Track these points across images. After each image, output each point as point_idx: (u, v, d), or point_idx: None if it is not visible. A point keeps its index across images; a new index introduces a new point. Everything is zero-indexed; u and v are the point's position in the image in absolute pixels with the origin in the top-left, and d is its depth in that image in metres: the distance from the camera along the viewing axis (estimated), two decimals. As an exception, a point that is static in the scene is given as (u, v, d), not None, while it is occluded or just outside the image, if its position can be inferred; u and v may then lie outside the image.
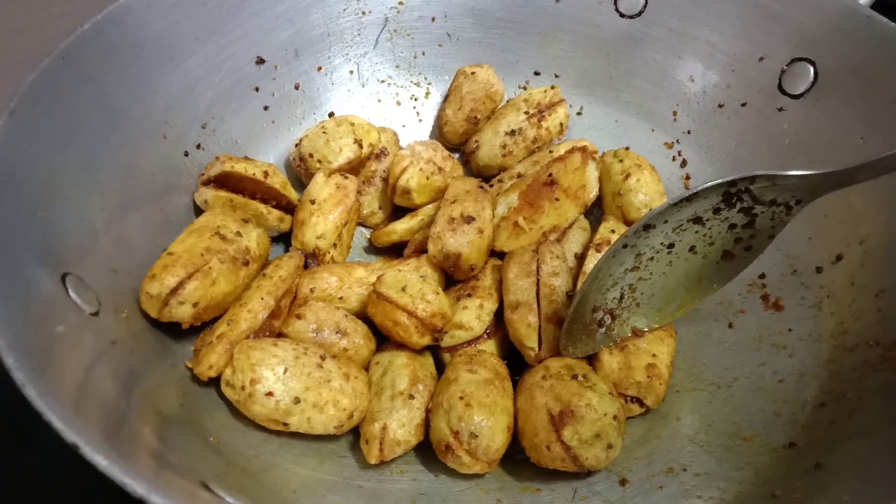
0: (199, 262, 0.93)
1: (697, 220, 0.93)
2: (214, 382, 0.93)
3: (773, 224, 0.93)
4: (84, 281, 0.83)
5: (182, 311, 0.92)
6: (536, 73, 1.39)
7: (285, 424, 0.89)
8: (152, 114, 1.06)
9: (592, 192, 1.21)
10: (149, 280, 0.91)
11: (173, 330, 0.95)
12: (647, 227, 0.92)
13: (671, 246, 0.96)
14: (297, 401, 0.88)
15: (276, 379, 0.88)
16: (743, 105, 1.22)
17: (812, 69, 1.13)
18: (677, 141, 1.30)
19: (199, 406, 0.90)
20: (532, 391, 0.92)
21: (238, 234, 1.00)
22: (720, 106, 1.25)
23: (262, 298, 0.97)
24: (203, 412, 0.89)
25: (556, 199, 1.18)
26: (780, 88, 1.17)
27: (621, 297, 0.99)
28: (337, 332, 1.00)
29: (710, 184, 0.88)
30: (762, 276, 1.11)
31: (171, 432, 0.80)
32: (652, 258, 0.97)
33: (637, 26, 1.29)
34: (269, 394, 0.87)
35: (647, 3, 1.27)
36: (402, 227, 1.21)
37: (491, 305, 1.07)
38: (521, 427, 0.92)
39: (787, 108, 1.15)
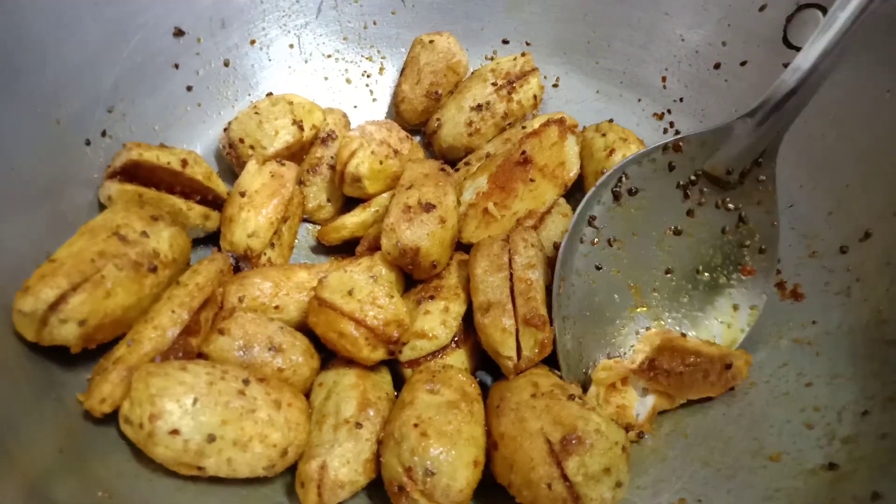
0: (89, 270, 0.76)
1: (678, 232, 0.93)
2: (113, 418, 0.76)
3: (760, 199, 0.90)
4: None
5: (66, 332, 0.74)
6: (505, 42, 1.24)
7: (200, 468, 0.73)
8: (39, 93, 0.89)
9: (573, 171, 1.06)
10: (21, 295, 0.74)
11: (61, 355, 0.78)
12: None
13: (669, 271, 0.93)
14: (211, 438, 0.71)
15: (183, 413, 0.70)
16: (743, 64, 1.07)
17: (822, 15, 0.97)
18: (668, 111, 1.16)
19: (88, 451, 0.73)
20: (521, 413, 0.76)
21: (144, 234, 0.83)
22: (716, 67, 1.10)
23: (173, 312, 0.80)
24: (93, 458, 0.72)
25: (532, 180, 1.03)
26: (786, 41, 1.03)
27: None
28: (270, 349, 0.83)
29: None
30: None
31: (41, 498, 0.62)
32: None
33: (618, -20, 1.13)
34: (175, 431, 0.70)
35: (627, -48, 1.11)
36: (352, 221, 1.04)
37: (458, 308, 0.92)
38: (510, 458, 0.75)
39: (796, 62, 0.99)
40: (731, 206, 0.93)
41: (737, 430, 0.81)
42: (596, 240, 0.92)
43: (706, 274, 0.92)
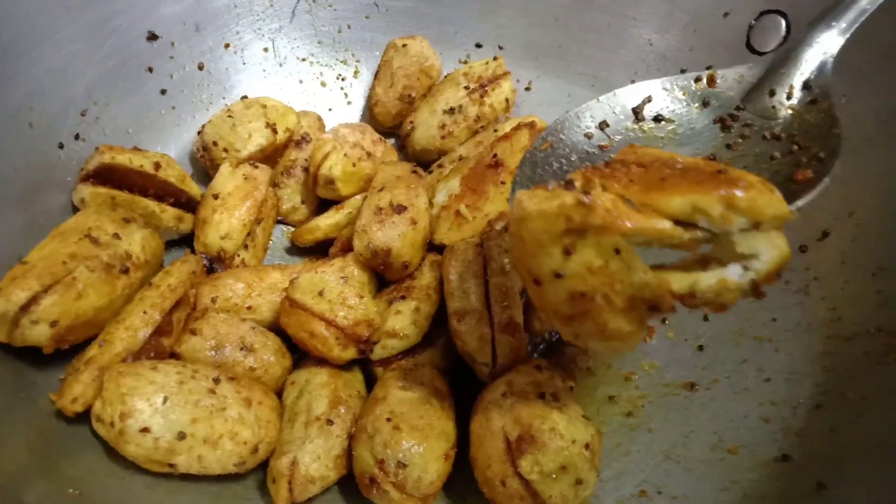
0: (60, 272, 0.77)
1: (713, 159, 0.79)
2: (85, 418, 0.76)
3: (818, 124, 0.79)
4: None
5: (37, 333, 0.75)
6: (478, 46, 1.25)
7: (171, 466, 0.74)
8: (11, 98, 0.89)
9: (543, 173, 1.06)
10: (-8, 296, 0.73)
11: (33, 356, 0.78)
12: None
13: None
14: (181, 436, 0.72)
15: (154, 411, 0.72)
16: (708, 68, 1.07)
17: (784, 22, 1.01)
18: (637, 113, 1.16)
19: (60, 450, 0.74)
20: (489, 412, 0.78)
21: (115, 236, 0.84)
22: (682, 71, 1.11)
23: (145, 312, 0.81)
24: (65, 457, 0.73)
25: (503, 183, 1.04)
26: (749, 46, 1.05)
27: None
28: (242, 349, 0.85)
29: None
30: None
31: (14, 496, 0.63)
32: None
33: (587, -13, 1.15)
34: (145, 430, 0.71)
35: (596, -41, 1.13)
36: (326, 223, 1.05)
37: (429, 308, 0.92)
38: (474, 456, 0.77)
39: (758, 67, 1.01)
40: (782, 134, 0.83)
41: (698, 425, 0.83)
42: (604, 146, 0.84)
43: None
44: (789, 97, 0.84)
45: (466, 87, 1.14)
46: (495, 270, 0.89)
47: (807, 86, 0.83)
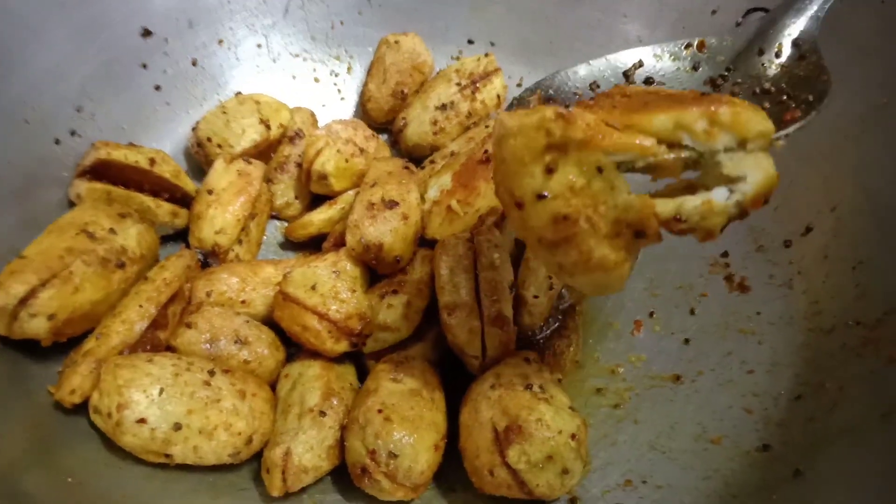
0: (57, 266, 0.78)
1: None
2: (83, 409, 0.78)
3: (808, 75, 0.81)
4: None
5: (36, 326, 0.77)
6: (470, 42, 1.27)
7: (167, 456, 0.76)
8: (6, 95, 0.91)
9: (533, 169, 1.08)
10: (-9, 290, 0.75)
11: (31, 348, 0.80)
12: None
13: None
14: (177, 427, 0.74)
15: (150, 402, 0.73)
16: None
17: (769, 19, 1.01)
18: (627, 109, 1.17)
19: (58, 440, 0.75)
20: (477, 403, 0.80)
21: (111, 231, 0.85)
22: (672, 68, 1.12)
23: (141, 306, 0.83)
24: (62, 447, 0.75)
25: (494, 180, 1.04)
26: (737, 44, 1.05)
27: None
28: (236, 342, 0.86)
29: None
30: (725, 254, 1.00)
31: (13, 485, 0.65)
32: None
33: (578, -16, 1.17)
34: (142, 420, 0.73)
35: (586, -44, 1.15)
36: (319, 218, 1.07)
37: (420, 303, 0.94)
38: (463, 446, 0.79)
39: (745, 65, 1.03)
40: (772, 88, 0.86)
41: (683, 416, 0.85)
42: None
43: None
44: (778, 55, 0.87)
45: (458, 84, 1.15)
46: (485, 265, 0.91)
47: (795, 43, 0.85)
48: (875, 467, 0.62)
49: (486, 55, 1.17)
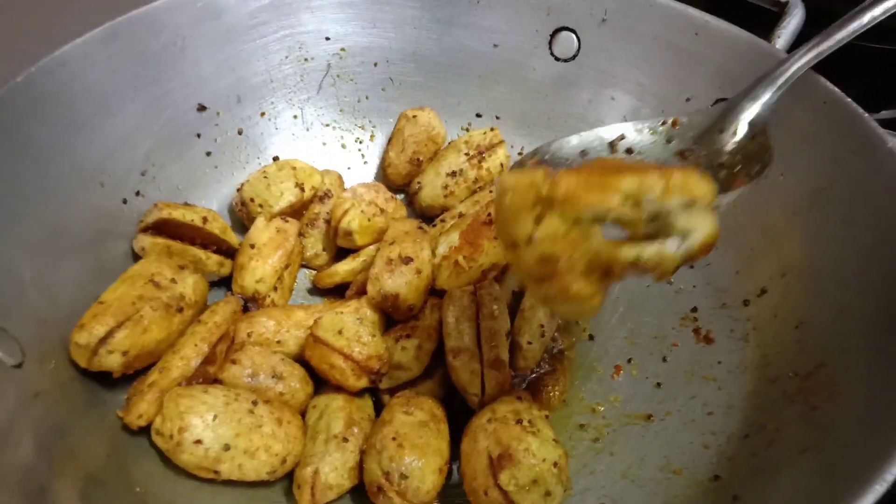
0: (130, 311, 0.93)
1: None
2: (145, 430, 0.93)
3: (757, 155, 0.94)
4: (7, 332, 0.83)
5: (111, 360, 0.92)
6: (478, 115, 1.42)
7: (216, 472, 0.89)
8: (87, 163, 1.06)
9: (529, 231, 1.23)
10: (78, 330, 0.91)
11: (105, 378, 0.95)
12: None
13: None
14: (227, 448, 0.88)
15: (206, 426, 0.87)
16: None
17: (733, 108, 1.17)
18: (615, 178, 1.33)
19: (127, 456, 0.89)
20: (476, 434, 0.92)
21: (173, 280, 1.01)
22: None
23: (196, 345, 0.97)
24: (131, 462, 0.89)
25: (496, 238, 1.19)
26: (707, 128, 1.20)
27: None
28: (273, 377, 1.00)
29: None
30: (694, 309, 1.14)
31: (94, 491, 0.79)
32: None
33: (572, 69, 1.33)
34: (198, 441, 0.87)
35: (580, 47, 1.31)
36: (344, 269, 1.22)
37: (430, 345, 1.08)
38: (463, 470, 0.92)
39: (714, 146, 1.18)
40: (728, 161, 0.97)
41: (651, 450, 0.97)
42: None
43: None
44: (734, 134, 1.00)
45: (467, 154, 1.31)
46: (486, 315, 1.05)
47: (750, 125, 0.98)
48: (794, 493, 0.76)
49: (492, 129, 1.33)
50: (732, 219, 1.13)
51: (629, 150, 1.00)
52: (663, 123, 1.02)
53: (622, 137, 1.01)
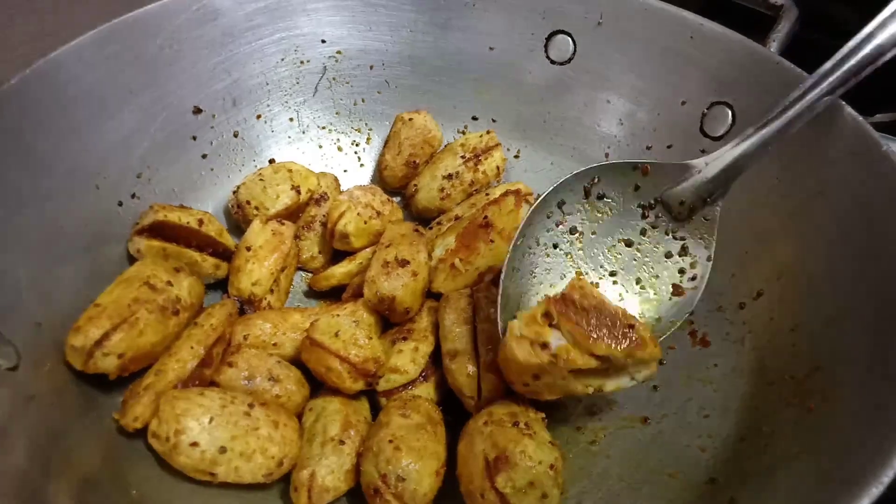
0: (126, 313, 0.93)
1: (629, 244, 1.06)
2: (142, 433, 0.93)
3: (703, 235, 1.03)
4: (2, 335, 0.83)
5: (107, 363, 0.91)
6: (474, 118, 1.43)
7: (212, 474, 0.89)
8: (82, 165, 1.06)
9: (526, 234, 1.24)
10: (73, 332, 0.90)
11: (100, 381, 0.94)
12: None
13: (613, 273, 1.08)
14: (223, 450, 0.88)
15: (202, 429, 0.87)
16: (669, 147, 1.27)
17: (730, 112, 1.18)
18: (610, 181, 1.34)
19: (123, 459, 0.89)
20: (472, 437, 0.92)
21: (169, 283, 1.01)
22: (648, 147, 1.29)
23: (192, 347, 0.97)
24: (127, 465, 0.89)
25: (492, 241, 1.19)
26: (702, 131, 1.21)
27: None
28: (269, 380, 1.00)
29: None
30: (691, 312, 1.14)
31: (90, 494, 0.79)
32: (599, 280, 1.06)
33: (567, 72, 1.34)
34: (194, 444, 0.87)
35: (575, 50, 1.32)
36: (340, 271, 1.22)
37: (426, 348, 1.08)
38: (459, 473, 0.91)
39: (709, 149, 1.18)
40: (678, 236, 1.06)
41: (647, 453, 0.97)
42: (560, 223, 1.06)
43: (645, 286, 1.07)
44: (691, 208, 1.06)
45: (463, 157, 1.31)
46: (482, 318, 1.05)
47: (705, 202, 1.05)
48: (790, 496, 0.76)
49: (488, 132, 1.33)
50: (727, 221, 1.14)
51: (601, 196, 1.08)
52: (635, 168, 1.07)
53: (596, 180, 1.07)
